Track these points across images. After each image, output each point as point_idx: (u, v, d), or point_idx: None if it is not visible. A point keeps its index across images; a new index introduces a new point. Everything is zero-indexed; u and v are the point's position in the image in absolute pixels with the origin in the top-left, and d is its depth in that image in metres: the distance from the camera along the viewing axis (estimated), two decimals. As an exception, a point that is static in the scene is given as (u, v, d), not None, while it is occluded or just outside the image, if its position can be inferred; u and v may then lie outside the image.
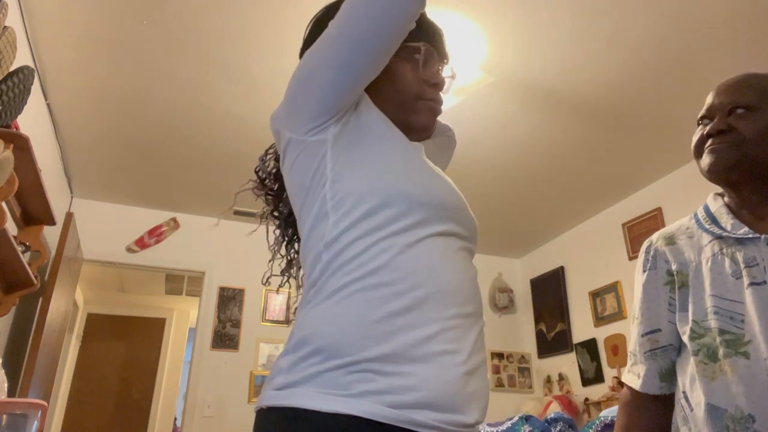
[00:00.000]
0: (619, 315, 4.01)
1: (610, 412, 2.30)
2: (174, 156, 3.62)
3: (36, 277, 2.71)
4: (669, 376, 1.09)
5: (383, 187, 0.80)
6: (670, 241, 1.13)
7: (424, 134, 0.98)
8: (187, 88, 2.94)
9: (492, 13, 2.44)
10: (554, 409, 3.82)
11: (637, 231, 3.97)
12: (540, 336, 4.82)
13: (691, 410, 1.01)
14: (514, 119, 3.21)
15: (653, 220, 3.85)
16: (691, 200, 3.52)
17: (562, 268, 4.70)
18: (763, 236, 0.99)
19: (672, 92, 2.94)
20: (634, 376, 1.12)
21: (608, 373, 4.02)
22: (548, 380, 4.65)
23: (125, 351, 6.22)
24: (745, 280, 0.98)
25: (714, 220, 1.08)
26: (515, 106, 3.09)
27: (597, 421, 2.26)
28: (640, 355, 1.12)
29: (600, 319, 4.19)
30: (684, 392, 1.04)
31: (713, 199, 1.12)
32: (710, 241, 1.06)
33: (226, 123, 3.24)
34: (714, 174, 1.06)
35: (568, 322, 4.52)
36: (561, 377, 4.49)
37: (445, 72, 1.00)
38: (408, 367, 0.69)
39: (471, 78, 2.73)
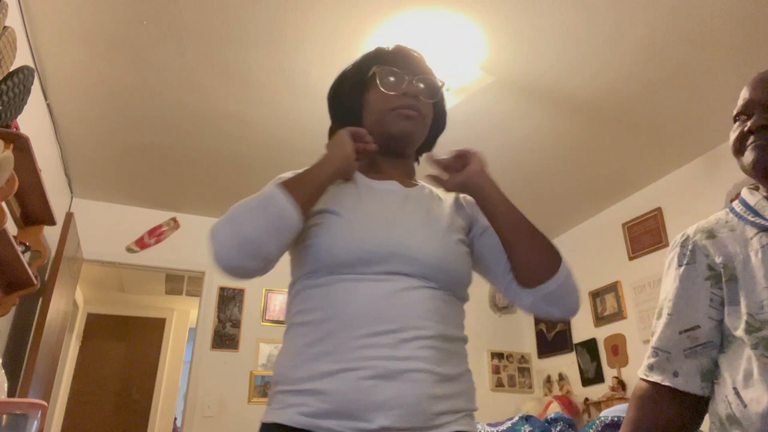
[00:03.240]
0: (619, 315, 4.01)
1: (610, 412, 2.30)
2: (174, 156, 3.62)
3: (36, 277, 2.71)
4: (709, 375, 1.04)
5: (306, 258, 0.98)
6: (710, 234, 1.10)
7: (408, 139, 1.10)
8: (187, 88, 2.94)
9: (492, 13, 2.44)
10: (554, 409, 3.82)
11: (637, 231, 3.97)
12: (540, 336, 4.82)
13: (745, 407, 0.96)
14: (513, 119, 3.21)
15: (653, 220, 3.85)
16: (691, 200, 3.55)
17: (562, 268, 4.69)
18: None
19: (672, 92, 2.94)
20: (664, 374, 1.06)
21: (608, 373, 4.02)
22: (548, 380, 4.65)
23: (125, 351, 6.22)
24: None
25: (756, 212, 1.06)
26: (515, 106, 3.09)
27: (597, 421, 2.26)
28: (677, 352, 1.06)
29: (600, 319, 4.19)
30: (735, 389, 0.99)
31: (750, 193, 1.10)
32: (756, 233, 1.04)
33: (226, 123, 3.24)
34: (760, 171, 1.04)
35: (568, 321, 4.52)
36: (561, 377, 4.49)
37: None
38: (318, 384, 0.86)
39: (471, 78, 2.73)
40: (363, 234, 0.96)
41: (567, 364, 4.46)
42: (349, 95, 1.14)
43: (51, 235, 3.20)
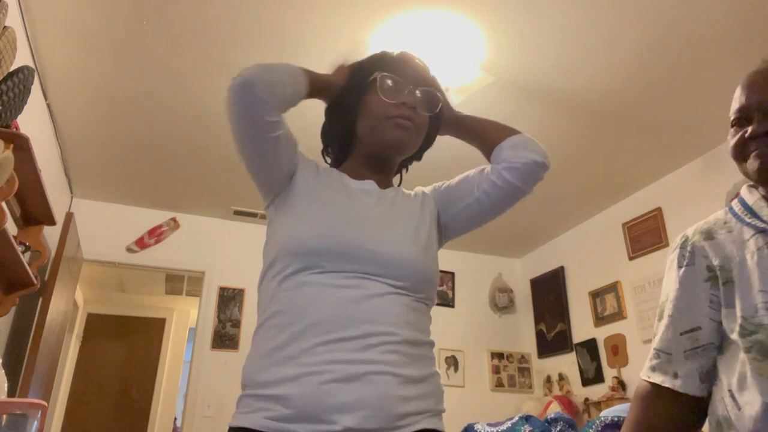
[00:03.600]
0: (619, 315, 4.01)
1: (610, 412, 2.30)
2: (174, 156, 3.62)
3: (36, 277, 2.71)
4: (709, 376, 1.05)
5: (276, 245, 1.00)
6: (709, 235, 1.09)
7: (400, 149, 1.12)
8: (187, 88, 2.94)
9: (492, 13, 2.44)
10: (554, 409, 3.82)
11: (637, 231, 3.97)
12: (540, 336, 4.82)
13: (739, 410, 0.97)
14: (513, 119, 3.19)
15: (653, 220, 3.85)
16: (691, 200, 3.55)
17: (562, 268, 4.69)
18: None
19: (672, 92, 2.94)
20: (665, 375, 1.07)
21: (608, 373, 4.02)
22: (548, 380, 4.65)
23: (125, 351, 6.22)
24: None
25: (754, 213, 1.05)
26: (515, 106, 3.09)
27: (597, 421, 2.26)
28: (678, 354, 1.07)
29: (600, 319, 4.19)
30: (730, 391, 0.99)
31: (748, 192, 1.09)
32: (753, 235, 1.03)
33: (226, 123, 3.22)
34: (765, 178, 1.03)
35: (568, 322, 4.52)
36: (561, 377, 4.49)
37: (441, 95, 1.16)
38: (281, 389, 0.87)
39: (471, 78, 2.73)
40: (334, 225, 0.99)
41: (567, 364, 4.46)
42: (349, 94, 1.14)
43: (51, 235, 3.20)
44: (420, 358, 0.96)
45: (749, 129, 1.03)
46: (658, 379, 1.08)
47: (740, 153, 1.06)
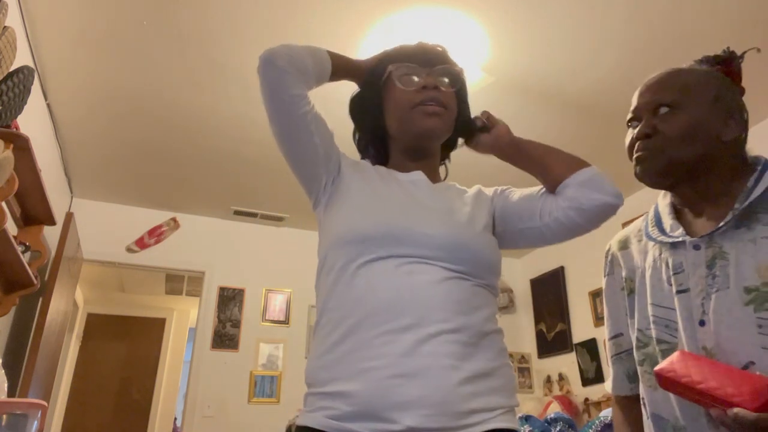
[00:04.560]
0: (619, 315, 4.01)
1: (610, 412, 2.30)
2: (174, 156, 3.62)
3: (36, 277, 2.71)
4: (636, 376, 1.05)
5: (329, 238, 0.99)
6: (624, 245, 1.11)
7: (433, 136, 1.07)
8: (186, 88, 2.94)
9: (493, 13, 2.44)
10: (554, 409, 3.82)
11: (637, 231, 3.97)
12: (540, 336, 4.82)
13: (647, 417, 0.99)
14: (514, 119, 3.18)
15: (653, 220, 3.85)
16: (691, 200, 3.55)
17: (562, 268, 4.70)
18: (688, 240, 0.93)
19: (672, 92, 2.94)
20: (609, 381, 1.13)
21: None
22: (548, 380, 4.65)
23: (125, 351, 6.22)
24: (674, 288, 0.93)
25: (658, 221, 1.03)
26: (515, 106, 3.09)
27: (597, 421, 2.26)
28: (609, 358, 1.12)
29: (600, 319, 4.19)
30: (642, 398, 1.01)
31: (662, 197, 1.07)
32: (653, 246, 1.02)
33: (226, 123, 3.24)
34: (645, 183, 1.02)
35: (568, 322, 4.52)
36: (561, 377, 4.49)
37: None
38: (342, 386, 0.85)
39: (472, 78, 2.73)
40: (387, 211, 0.97)
41: (567, 364, 4.46)
42: (370, 99, 1.11)
43: (51, 235, 3.20)
44: (485, 348, 0.90)
45: (636, 130, 1.02)
46: (608, 388, 1.15)
47: (630, 155, 1.04)
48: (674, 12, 2.42)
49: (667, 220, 1.00)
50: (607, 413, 2.31)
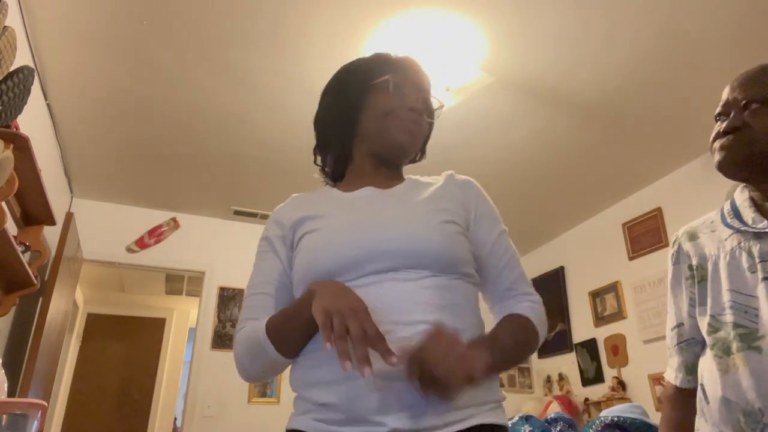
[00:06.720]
0: (619, 315, 4.01)
1: (610, 412, 2.30)
2: (174, 156, 3.62)
3: (36, 277, 2.71)
4: (693, 369, 1.10)
5: (295, 280, 1.01)
6: (693, 236, 1.14)
7: (401, 153, 1.09)
8: (186, 88, 2.94)
9: (492, 13, 2.44)
10: (554, 409, 3.82)
11: (637, 231, 3.97)
12: (540, 336, 4.82)
13: (707, 403, 1.02)
14: (513, 119, 3.21)
15: (653, 220, 3.85)
16: (691, 200, 3.55)
17: (562, 268, 4.70)
18: None
19: (672, 92, 2.94)
20: (669, 368, 1.16)
21: (608, 373, 4.02)
22: (548, 380, 4.65)
23: (125, 351, 6.22)
24: (760, 275, 0.97)
25: (737, 213, 1.07)
26: (515, 106, 3.09)
27: (597, 421, 2.26)
28: (671, 348, 1.15)
29: (600, 319, 4.19)
30: (702, 385, 1.05)
31: (740, 192, 1.12)
32: (730, 236, 1.06)
33: (226, 123, 3.24)
34: (723, 171, 1.06)
35: (568, 322, 4.52)
36: (561, 377, 4.49)
37: (434, 103, 1.13)
38: (326, 391, 0.87)
39: (471, 78, 2.73)
40: (340, 242, 0.96)
41: (567, 364, 4.46)
42: (354, 94, 1.10)
43: (51, 235, 3.20)
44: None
45: (724, 123, 1.07)
46: (666, 374, 1.16)
47: (712, 146, 1.11)
48: (671, 12, 2.42)
49: (748, 213, 1.05)
50: (607, 413, 2.31)
